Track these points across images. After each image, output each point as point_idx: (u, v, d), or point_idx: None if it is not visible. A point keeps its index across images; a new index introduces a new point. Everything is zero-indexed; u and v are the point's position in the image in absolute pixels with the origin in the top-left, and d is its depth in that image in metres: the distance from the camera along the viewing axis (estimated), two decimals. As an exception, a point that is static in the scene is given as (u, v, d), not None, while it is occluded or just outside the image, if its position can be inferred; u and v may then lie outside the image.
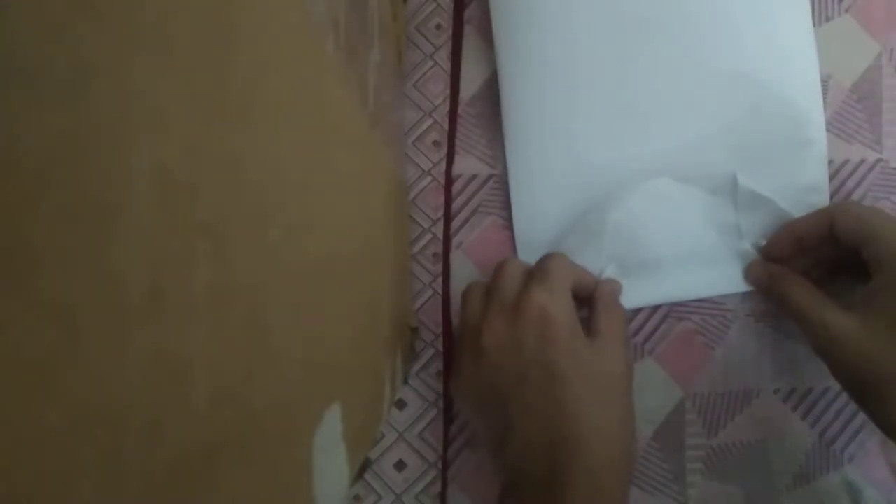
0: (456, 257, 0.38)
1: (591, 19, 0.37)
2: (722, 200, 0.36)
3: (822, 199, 0.38)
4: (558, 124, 0.37)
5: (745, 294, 0.37)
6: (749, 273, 0.37)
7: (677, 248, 0.37)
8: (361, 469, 0.37)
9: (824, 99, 0.38)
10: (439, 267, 0.38)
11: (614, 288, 0.35)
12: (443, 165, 0.39)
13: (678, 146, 0.37)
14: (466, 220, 0.39)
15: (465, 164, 0.39)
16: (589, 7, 0.37)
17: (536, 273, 0.32)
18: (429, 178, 0.39)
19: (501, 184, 0.38)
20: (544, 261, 0.33)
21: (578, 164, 0.37)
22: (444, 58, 0.39)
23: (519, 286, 0.32)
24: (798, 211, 0.36)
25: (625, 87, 0.37)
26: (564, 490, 0.27)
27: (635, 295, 0.37)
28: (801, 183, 0.37)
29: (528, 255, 0.38)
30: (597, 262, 0.37)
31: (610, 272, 0.36)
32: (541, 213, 0.38)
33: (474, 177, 0.39)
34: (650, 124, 0.37)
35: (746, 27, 0.37)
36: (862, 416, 0.37)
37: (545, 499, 0.28)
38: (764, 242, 0.37)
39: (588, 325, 0.32)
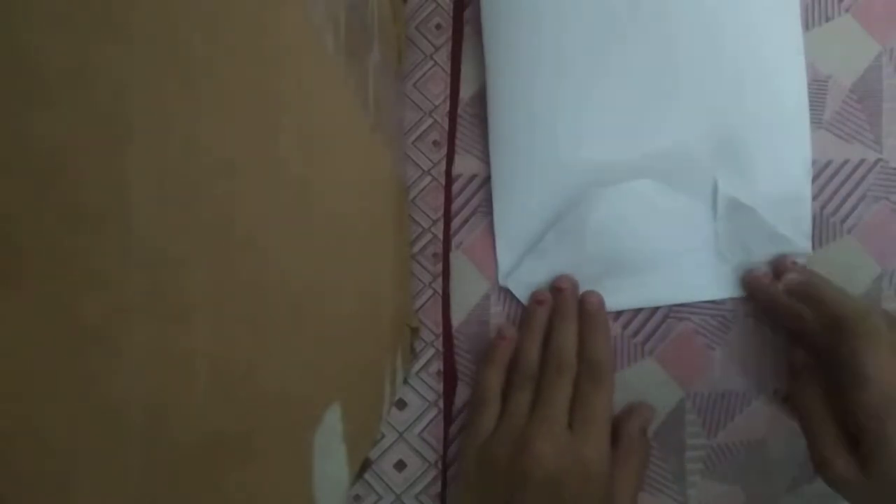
0: (456, 257, 0.38)
1: (578, 23, 0.37)
2: (702, 205, 0.37)
3: (804, 213, 0.38)
4: (541, 125, 0.37)
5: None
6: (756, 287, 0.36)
7: (656, 251, 0.37)
8: (361, 469, 0.37)
9: (824, 99, 0.38)
10: (439, 267, 0.38)
11: (645, 419, 0.36)
12: (443, 165, 0.39)
13: (661, 149, 0.37)
14: (466, 220, 0.39)
15: (465, 164, 0.39)
16: (575, 11, 0.37)
17: (588, 415, 0.32)
18: (429, 178, 0.39)
19: (501, 184, 0.38)
20: (546, 388, 0.33)
21: (561, 164, 0.37)
22: (444, 58, 0.39)
23: (567, 416, 0.32)
24: (779, 221, 0.37)
25: (609, 90, 0.37)
26: None
27: (617, 297, 0.37)
28: (783, 193, 0.37)
29: (508, 251, 0.38)
30: (576, 260, 0.37)
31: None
32: (521, 210, 0.38)
33: (474, 177, 0.39)
34: (633, 127, 0.37)
35: (733, 33, 0.37)
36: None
37: None
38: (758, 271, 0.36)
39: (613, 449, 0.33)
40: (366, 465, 0.37)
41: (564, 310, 0.36)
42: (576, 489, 0.30)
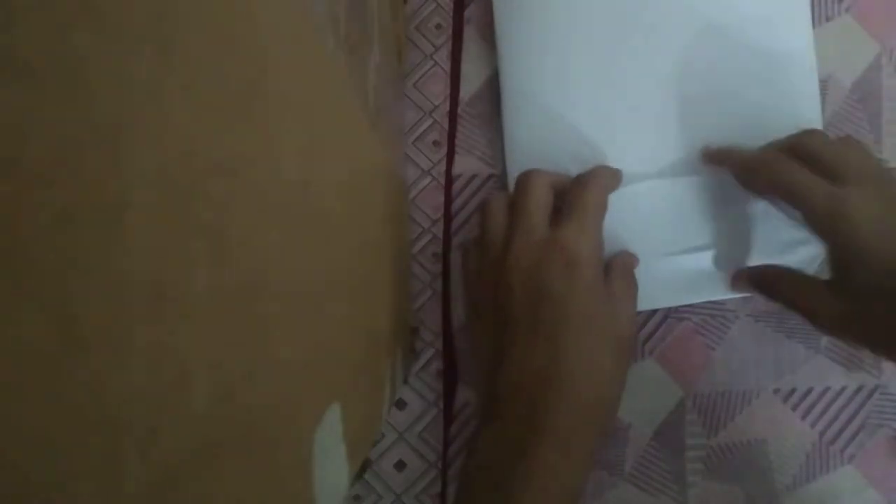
0: (456, 257, 0.38)
1: (593, 20, 0.37)
2: (707, 205, 0.36)
3: None
4: (557, 122, 0.37)
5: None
6: (733, 282, 0.36)
7: (659, 252, 0.37)
8: (361, 469, 0.37)
9: (824, 99, 0.38)
10: (439, 267, 0.38)
11: (631, 260, 0.35)
12: (443, 165, 0.39)
13: (677, 148, 0.37)
14: (466, 220, 0.39)
15: (465, 164, 0.39)
16: (591, 8, 0.37)
17: (572, 205, 0.31)
18: (429, 178, 0.39)
19: (501, 184, 0.38)
20: (581, 191, 0.31)
21: (576, 163, 0.37)
22: (444, 58, 0.39)
23: (549, 216, 0.31)
24: (792, 223, 0.37)
25: (624, 88, 0.37)
26: (542, 431, 0.27)
27: None
28: None
29: None
30: None
31: None
32: None
33: (474, 177, 0.39)
34: (649, 125, 0.37)
35: (747, 29, 0.37)
36: (862, 416, 0.37)
37: (522, 434, 0.27)
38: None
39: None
40: (366, 465, 0.37)
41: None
42: (559, 275, 0.28)
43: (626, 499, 0.37)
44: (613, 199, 0.36)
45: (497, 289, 0.30)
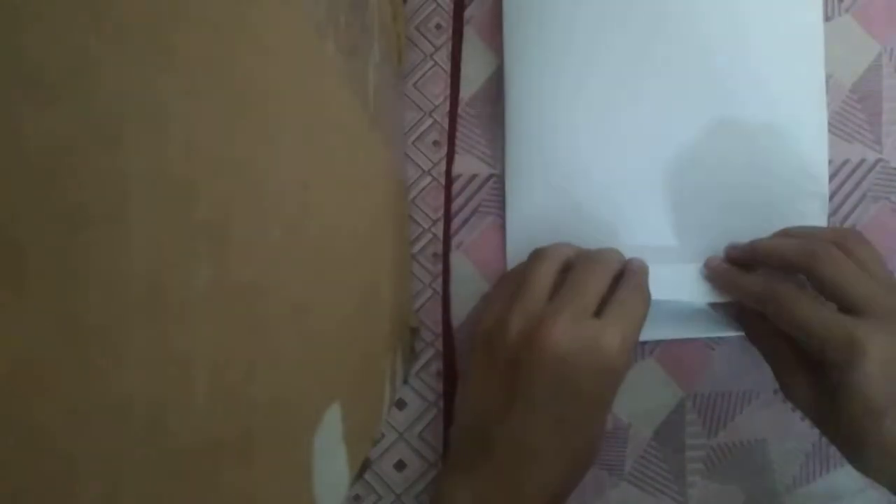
0: (456, 257, 0.38)
1: (600, 22, 0.37)
2: (714, 211, 0.37)
3: (821, 212, 0.38)
4: (559, 123, 0.37)
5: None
6: (708, 266, 0.35)
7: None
8: (361, 469, 0.37)
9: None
10: (439, 267, 0.38)
11: (643, 267, 0.33)
12: (443, 165, 0.39)
13: (681, 152, 0.37)
14: (466, 220, 0.39)
15: (465, 164, 0.39)
16: (599, 11, 0.37)
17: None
18: (429, 178, 0.39)
19: (501, 184, 0.38)
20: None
21: (578, 171, 0.37)
22: (444, 58, 0.39)
23: (547, 294, 0.30)
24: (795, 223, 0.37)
25: (629, 92, 0.37)
26: (531, 498, 0.28)
27: None
28: (799, 202, 0.37)
29: (517, 257, 0.38)
30: None
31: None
32: (535, 216, 0.37)
33: (474, 177, 0.39)
34: (654, 128, 0.37)
35: (757, 44, 0.37)
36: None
37: (511, 493, 0.28)
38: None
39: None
40: (366, 465, 0.37)
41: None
42: (586, 378, 0.27)
43: (626, 499, 0.37)
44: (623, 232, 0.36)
45: (521, 349, 0.29)
